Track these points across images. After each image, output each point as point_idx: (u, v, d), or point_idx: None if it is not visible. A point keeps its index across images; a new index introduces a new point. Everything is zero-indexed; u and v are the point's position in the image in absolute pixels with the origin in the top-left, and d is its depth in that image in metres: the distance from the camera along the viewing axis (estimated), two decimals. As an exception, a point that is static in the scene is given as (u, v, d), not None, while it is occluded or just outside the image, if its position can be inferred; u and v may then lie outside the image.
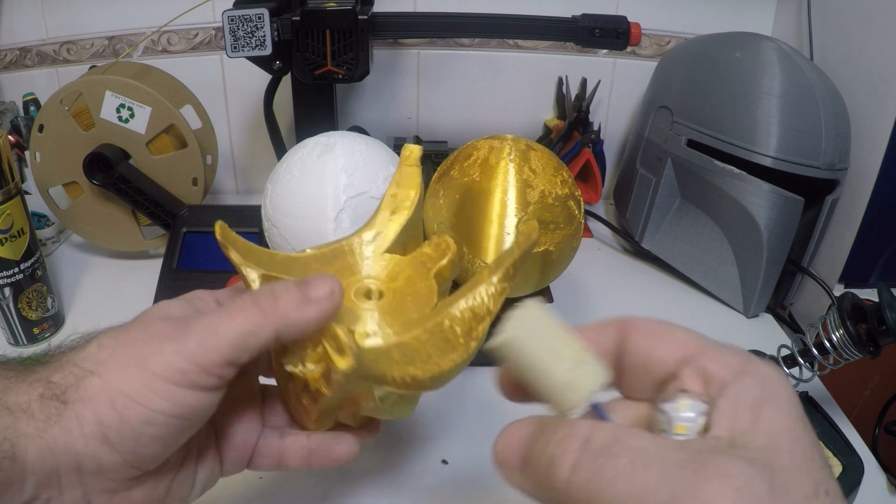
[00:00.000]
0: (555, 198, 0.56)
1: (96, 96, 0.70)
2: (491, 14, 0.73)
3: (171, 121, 0.72)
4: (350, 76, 0.70)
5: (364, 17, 0.68)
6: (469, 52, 0.92)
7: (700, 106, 0.74)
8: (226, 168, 0.98)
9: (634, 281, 0.81)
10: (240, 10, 0.66)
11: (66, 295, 0.73)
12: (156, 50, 0.89)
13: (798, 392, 0.56)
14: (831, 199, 0.71)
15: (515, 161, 0.55)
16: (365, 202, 0.56)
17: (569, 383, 0.25)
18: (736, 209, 0.72)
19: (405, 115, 0.96)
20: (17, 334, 0.65)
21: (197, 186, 0.76)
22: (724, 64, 0.73)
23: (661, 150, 0.79)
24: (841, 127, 0.69)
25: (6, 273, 0.61)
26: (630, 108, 0.97)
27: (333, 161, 0.57)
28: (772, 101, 0.68)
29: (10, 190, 0.59)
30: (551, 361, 0.25)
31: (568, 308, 0.74)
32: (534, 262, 0.57)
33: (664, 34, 0.92)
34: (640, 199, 0.83)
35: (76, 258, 0.80)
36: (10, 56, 0.88)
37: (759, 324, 0.74)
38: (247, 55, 0.68)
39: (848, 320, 0.50)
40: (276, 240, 0.59)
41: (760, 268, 0.72)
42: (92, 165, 0.71)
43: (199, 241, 0.71)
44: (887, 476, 0.56)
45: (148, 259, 0.80)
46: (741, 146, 0.70)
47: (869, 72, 0.72)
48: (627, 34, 0.70)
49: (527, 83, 0.94)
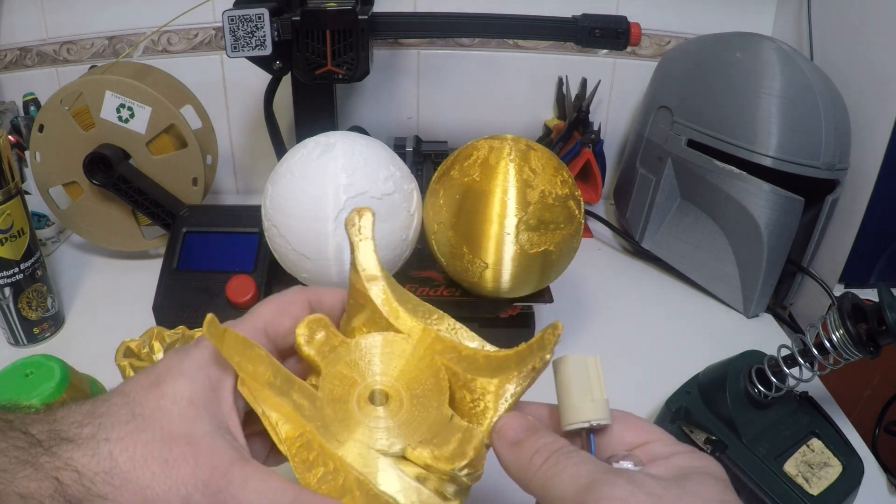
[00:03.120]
0: (555, 198, 0.56)
1: (96, 96, 0.70)
2: (491, 14, 0.73)
3: (171, 121, 0.72)
4: (350, 76, 0.70)
5: (364, 17, 0.68)
6: (469, 52, 0.92)
7: (700, 106, 0.74)
8: (226, 168, 0.98)
9: (634, 281, 0.81)
10: (240, 10, 0.66)
11: (66, 295, 0.73)
12: (156, 50, 0.89)
13: (798, 392, 0.56)
14: (831, 199, 0.71)
15: (515, 161, 0.55)
16: (365, 202, 0.56)
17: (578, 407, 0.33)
18: (736, 209, 0.72)
19: (405, 115, 0.96)
20: (17, 334, 0.65)
21: (197, 186, 0.76)
22: (724, 64, 0.73)
23: (661, 150, 0.79)
24: (841, 127, 0.69)
25: (6, 273, 0.61)
26: (630, 108, 0.97)
27: (333, 161, 0.57)
28: (772, 101, 0.68)
29: (10, 190, 0.60)
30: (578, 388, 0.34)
31: (568, 308, 0.74)
32: (534, 262, 0.57)
33: (664, 34, 0.92)
34: (640, 199, 0.83)
35: (76, 258, 0.80)
36: (10, 56, 0.88)
37: (759, 324, 0.74)
38: (247, 55, 0.68)
39: (848, 320, 0.50)
40: (276, 240, 0.59)
41: (760, 268, 0.72)
42: (92, 165, 0.71)
43: (200, 241, 0.71)
44: (887, 476, 0.56)
45: (148, 259, 0.80)
46: (741, 146, 0.70)
47: (869, 72, 0.72)
48: (627, 34, 0.70)
49: (527, 83, 0.94)
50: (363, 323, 0.38)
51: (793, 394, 0.56)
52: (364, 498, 0.31)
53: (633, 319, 0.74)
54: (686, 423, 0.55)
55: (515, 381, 0.34)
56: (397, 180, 0.59)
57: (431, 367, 0.36)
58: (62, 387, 0.50)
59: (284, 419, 0.33)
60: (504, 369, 0.35)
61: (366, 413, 0.34)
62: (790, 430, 0.54)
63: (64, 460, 0.29)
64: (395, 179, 0.58)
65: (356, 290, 0.38)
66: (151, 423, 0.31)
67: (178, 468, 0.30)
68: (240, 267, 0.68)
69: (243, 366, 0.33)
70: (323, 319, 0.36)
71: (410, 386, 0.35)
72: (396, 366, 0.36)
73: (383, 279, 0.38)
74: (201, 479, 0.30)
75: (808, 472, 0.51)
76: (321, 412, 0.33)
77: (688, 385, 0.58)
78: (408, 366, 0.36)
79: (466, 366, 0.36)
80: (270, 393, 0.33)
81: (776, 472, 0.50)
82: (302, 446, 0.33)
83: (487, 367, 0.35)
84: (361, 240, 0.38)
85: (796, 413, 0.55)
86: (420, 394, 0.35)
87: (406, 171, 0.61)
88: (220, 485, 0.30)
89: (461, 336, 0.38)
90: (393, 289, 0.38)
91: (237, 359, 0.33)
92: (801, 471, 0.51)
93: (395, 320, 0.37)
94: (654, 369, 0.65)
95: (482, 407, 0.35)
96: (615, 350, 0.69)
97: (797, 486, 0.50)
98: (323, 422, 0.33)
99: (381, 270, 0.38)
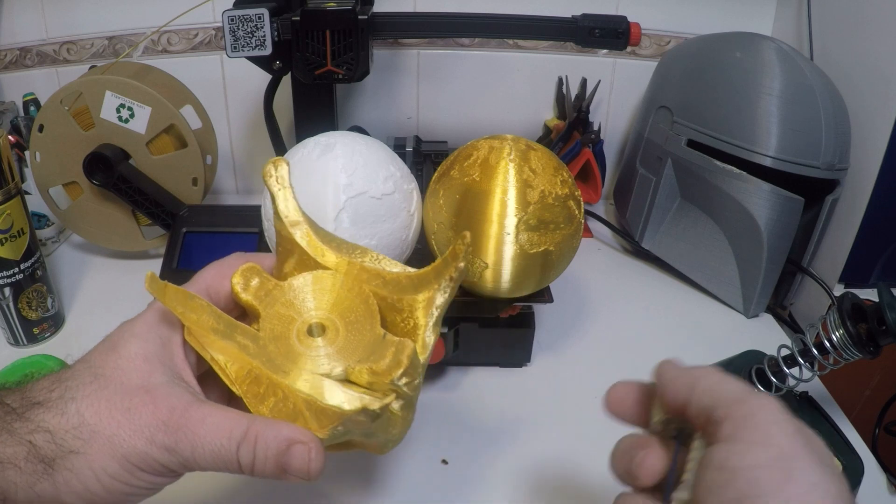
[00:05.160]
0: (555, 198, 0.56)
1: (96, 96, 0.70)
2: (491, 14, 0.73)
3: (171, 121, 0.73)
4: (350, 76, 0.70)
5: (364, 17, 0.68)
6: (469, 52, 0.92)
7: (700, 106, 0.74)
8: (226, 168, 0.98)
9: (634, 281, 0.81)
10: (240, 10, 0.66)
11: (66, 295, 0.73)
12: (156, 50, 0.89)
13: (798, 392, 0.56)
14: (831, 199, 0.71)
15: (515, 161, 0.55)
16: (365, 202, 0.56)
17: None
18: (736, 209, 0.72)
19: (405, 115, 0.96)
20: (17, 334, 0.65)
21: (197, 186, 0.76)
22: (724, 64, 0.73)
23: (661, 150, 0.79)
24: (841, 127, 0.69)
25: (6, 273, 0.61)
26: (630, 108, 0.97)
27: (333, 161, 0.57)
28: (772, 100, 0.68)
29: (10, 190, 0.60)
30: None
31: (568, 308, 0.74)
32: (534, 262, 0.57)
33: (664, 34, 0.92)
34: (640, 199, 0.83)
35: (76, 258, 0.80)
36: (10, 56, 0.88)
37: (759, 324, 0.74)
38: (247, 55, 0.68)
39: (848, 320, 0.50)
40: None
41: (760, 268, 0.72)
42: (92, 165, 0.71)
43: (199, 241, 0.71)
44: (887, 476, 0.56)
45: (148, 259, 0.80)
46: (741, 146, 0.70)
47: (869, 72, 0.72)
48: (627, 34, 0.70)
49: (527, 83, 0.94)
50: (293, 267, 0.41)
51: (793, 394, 0.56)
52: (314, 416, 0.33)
53: (633, 319, 0.74)
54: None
55: (437, 293, 0.37)
56: (397, 180, 0.59)
57: (360, 296, 0.38)
58: (62, 387, 0.50)
59: (232, 360, 0.36)
60: (425, 284, 0.38)
61: (306, 345, 0.36)
62: (790, 430, 0.54)
63: (36, 423, 0.32)
64: (395, 179, 0.58)
65: (282, 237, 0.41)
66: (111, 381, 0.34)
67: (139, 413, 0.33)
68: (240, 267, 0.68)
69: (187, 315, 0.36)
70: (255, 267, 0.39)
71: (344, 315, 0.38)
72: (328, 299, 0.38)
73: (306, 223, 0.41)
74: (161, 420, 0.32)
75: (808, 472, 0.51)
76: (265, 349, 0.36)
77: (688, 385, 0.57)
78: (339, 298, 0.39)
79: (391, 289, 0.39)
80: (216, 338, 0.35)
81: (776, 472, 0.50)
82: (252, 382, 0.35)
83: (410, 286, 0.38)
84: (280, 188, 0.41)
85: (796, 413, 0.55)
86: (353, 320, 0.37)
87: (406, 171, 0.61)
88: (180, 422, 0.32)
89: (384, 265, 0.40)
90: (316, 231, 0.41)
91: (180, 309, 0.36)
92: (801, 471, 0.51)
93: (321, 259, 0.40)
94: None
95: (412, 324, 0.38)
96: (615, 350, 0.69)
97: (797, 486, 0.50)
98: (268, 357, 0.35)
99: (302, 215, 0.41)
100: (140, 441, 0.32)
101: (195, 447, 0.32)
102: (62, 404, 0.32)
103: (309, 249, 0.40)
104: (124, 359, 0.34)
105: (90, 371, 0.34)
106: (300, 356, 0.35)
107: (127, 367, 0.34)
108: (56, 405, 0.32)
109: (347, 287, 0.39)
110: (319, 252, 0.40)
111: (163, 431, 0.32)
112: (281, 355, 0.35)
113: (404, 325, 0.38)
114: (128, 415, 0.32)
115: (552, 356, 0.67)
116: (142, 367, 0.34)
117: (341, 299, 0.38)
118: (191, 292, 0.36)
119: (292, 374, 0.34)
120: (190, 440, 0.32)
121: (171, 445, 0.32)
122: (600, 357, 0.68)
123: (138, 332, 0.36)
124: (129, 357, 0.34)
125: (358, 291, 0.39)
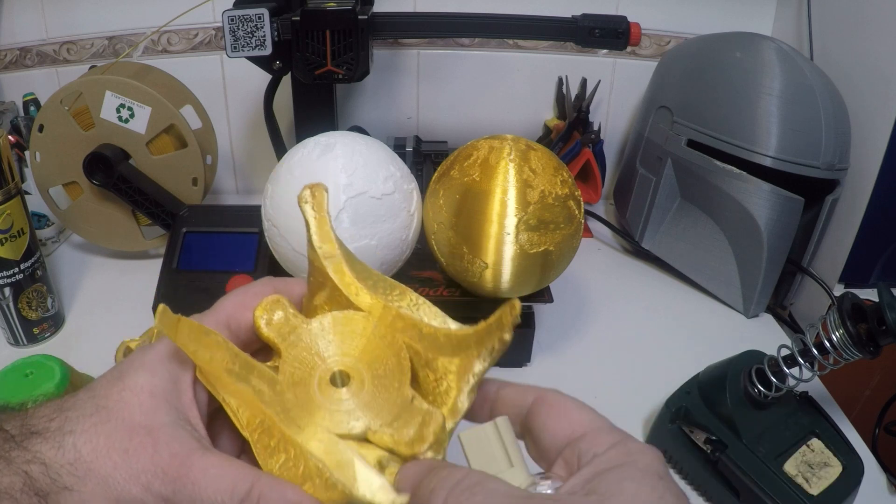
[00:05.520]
0: (555, 198, 0.56)
1: (96, 96, 0.70)
2: (491, 14, 0.73)
3: (171, 121, 0.72)
4: (350, 76, 0.70)
5: (364, 17, 0.68)
6: (469, 52, 0.92)
7: (700, 106, 0.74)
8: (226, 168, 0.98)
9: (634, 281, 0.81)
10: (240, 10, 0.66)
11: (66, 295, 0.73)
12: (156, 50, 0.89)
13: (798, 392, 0.56)
14: (831, 199, 0.71)
15: (515, 161, 0.55)
16: (365, 202, 0.56)
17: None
18: (736, 209, 0.72)
19: (405, 115, 0.96)
20: (17, 334, 0.65)
21: (197, 186, 0.76)
22: (724, 64, 0.73)
23: (661, 150, 0.79)
24: (841, 127, 0.69)
25: (6, 273, 0.61)
26: (630, 108, 0.97)
27: (333, 161, 0.57)
28: (772, 100, 0.68)
29: (10, 190, 0.60)
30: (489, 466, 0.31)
31: (568, 308, 0.74)
32: (534, 262, 0.57)
33: (664, 34, 0.92)
34: (640, 199, 0.83)
35: (76, 258, 0.80)
36: (10, 56, 0.88)
37: (759, 324, 0.74)
38: (247, 55, 0.68)
39: (848, 320, 0.50)
40: (276, 240, 0.59)
41: (760, 268, 0.72)
42: (92, 165, 0.71)
43: (200, 241, 0.71)
44: (887, 476, 0.56)
45: (148, 259, 0.80)
46: (741, 146, 0.70)
47: (869, 72, 0.72)
48: (627, 34, 0.70)
49: (527, 83, 0.94)
50: (324, 301, 0.37)
51: (793, 394, 0.56)
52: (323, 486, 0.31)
53: (633, 319, 0.74)
54: (686, 424, 0.55)
55: (476, 361, 0.34)
56: (397, 180, 0.59)
57: (393, 346, 0.35)
58: (62, 387, 0.50)
59: (245, 406, 0.34)
60: (464, 349, 0.34)
61: (327, 396, 0.33)
62: (790, 430, 0.54)
63: (33, 453, 0.30)
64: (395, 179, 0.58)
65: (314, 268, 0.38)
66: (114, 415, 0.32)
67: (137, 457, 0.31)
68: (240, 267, 0.68)
69: (199, 354, 0.33)
70: (281, 300, 0.36)
71: (371, 366, 0.35)
72: (357, 345, 0.35)
73: (341, 255, 0.37)
74: (160, 467, 0.31)
75: (808, 472, 0.51)
76: (281, 397, 0.33)
77: (688, 385, 0.58)
78: (369, 345, 0.35)
79: (427, 345, 0.35)
80: (230, 379, 0.33)
81: (776, 472, 0.50)
82: (263, 432, 0.33)
83: (448, 347, 0.35)
84: (316, 216, 0.38)
85: (796, 413, 0.55)
86: (381, 374, 0.34)
87: (406, 171, 0.61)
88: (180, 472, 0.31)
89: (423, 312, 0.37)
90: (352, 265, 0.38)
91: (192, 347, 0.33)
92: (801, 471, 0.51)
93: (354, 298, 0.36)
94: (654, 369, 0.65)
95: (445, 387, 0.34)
96: (615, 350, 0.69)
97: (797, 486, 0.50)
98: (283, 406, 0.33)
99: (338, 247, 0.38)
100: (136, 487, 0.31)
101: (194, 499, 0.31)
102: (60, 437, 0.31)
103: (342, 286, 0.37)
104: (129, 391, 0.33)
105: (93, 402, 0.32)
106: (319, 409, 0.33)
107: (131, 400, 0.32)
108: (54, 437, 0.31)
109: (380, 335, 0.36)
110: (353, 290, 0.37)
111: (160, 479, 0.31)
112: (298, 405, 0.33)
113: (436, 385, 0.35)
114: (125, 456, 0.31)
115: (552, 356, 0.67)
116: (146, 402, 0.32)
117: (371, 347, 0.35)
118: (207, 327, 0.34)
119: (307, 431, 0.32)
120: (189, 492, 0.31)
121: (169, 495, 0.31)
122: (600, 357, 0.68)
123: (148, 363, 0.34)
124: (135, 390, 0.33)
125: (391, 341, 0.35)
